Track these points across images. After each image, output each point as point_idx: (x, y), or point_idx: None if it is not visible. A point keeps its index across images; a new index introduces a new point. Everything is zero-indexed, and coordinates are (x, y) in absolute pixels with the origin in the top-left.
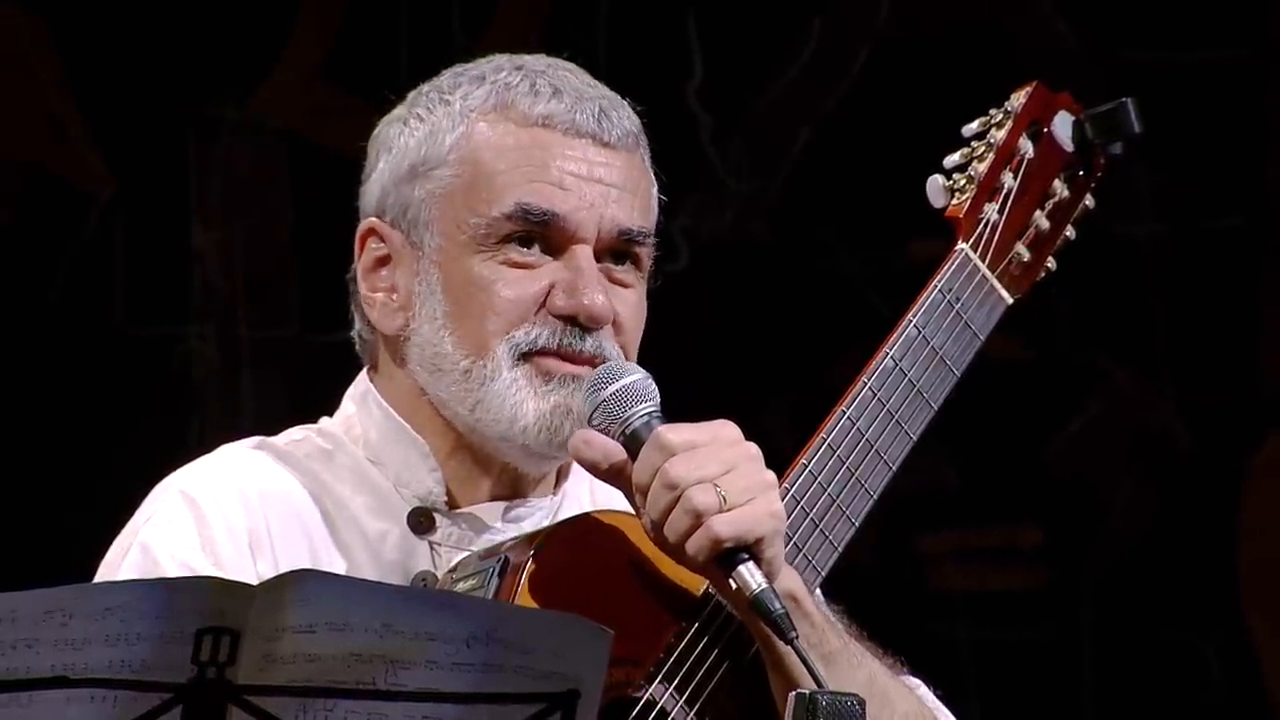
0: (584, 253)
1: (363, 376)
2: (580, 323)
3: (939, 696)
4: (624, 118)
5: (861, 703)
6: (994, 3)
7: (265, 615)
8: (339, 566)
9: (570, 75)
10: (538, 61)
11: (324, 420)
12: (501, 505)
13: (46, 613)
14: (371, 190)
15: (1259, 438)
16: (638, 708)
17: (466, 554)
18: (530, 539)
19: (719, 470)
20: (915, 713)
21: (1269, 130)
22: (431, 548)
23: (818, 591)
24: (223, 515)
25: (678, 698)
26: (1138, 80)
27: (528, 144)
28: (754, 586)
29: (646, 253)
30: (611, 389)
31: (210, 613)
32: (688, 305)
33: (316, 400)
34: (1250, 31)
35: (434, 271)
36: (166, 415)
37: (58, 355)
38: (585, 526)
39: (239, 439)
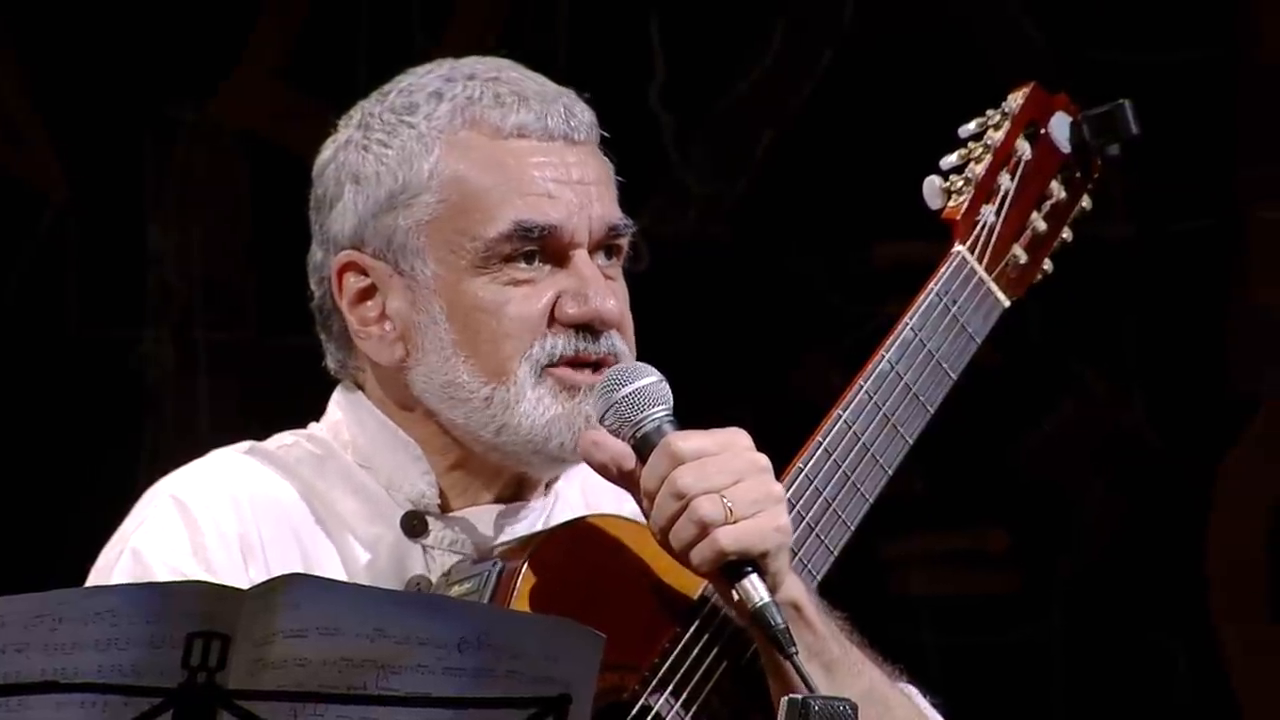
0: (583, 258)
1: (350, 385)
2: (593, 327)
3: (934, 705)
4: (584, 111)
5: (853, 707)
6: (961, 3)
7: (256, 620)
8: (331, 571)
9: (522, 77)
10: (484, 66)
11: (312, 425)
12: (496, 508)
13: (36, 617)
14: (342, 221)
15: (1229, 440)
16: (633, 713)
17: (460, 558)
18: (525, 544)
19: (727, 481)
20: None
21: (1238, 132)
22: (424, 551)
23: (817, 597)
24: (214, 521)
25: (673, 703)
26: (1105, 81)
27: (507, 158)
28: (756, 600)
29: (627, 241)
30: (625, 391)
31: (200, 617)
32: (648, 307)
33: (273, 403)
34: (1218, 32)
35: (434, 300)
36: (121, 418)
37: (10, 357)
38: (580, 530)
39: (194, 442)
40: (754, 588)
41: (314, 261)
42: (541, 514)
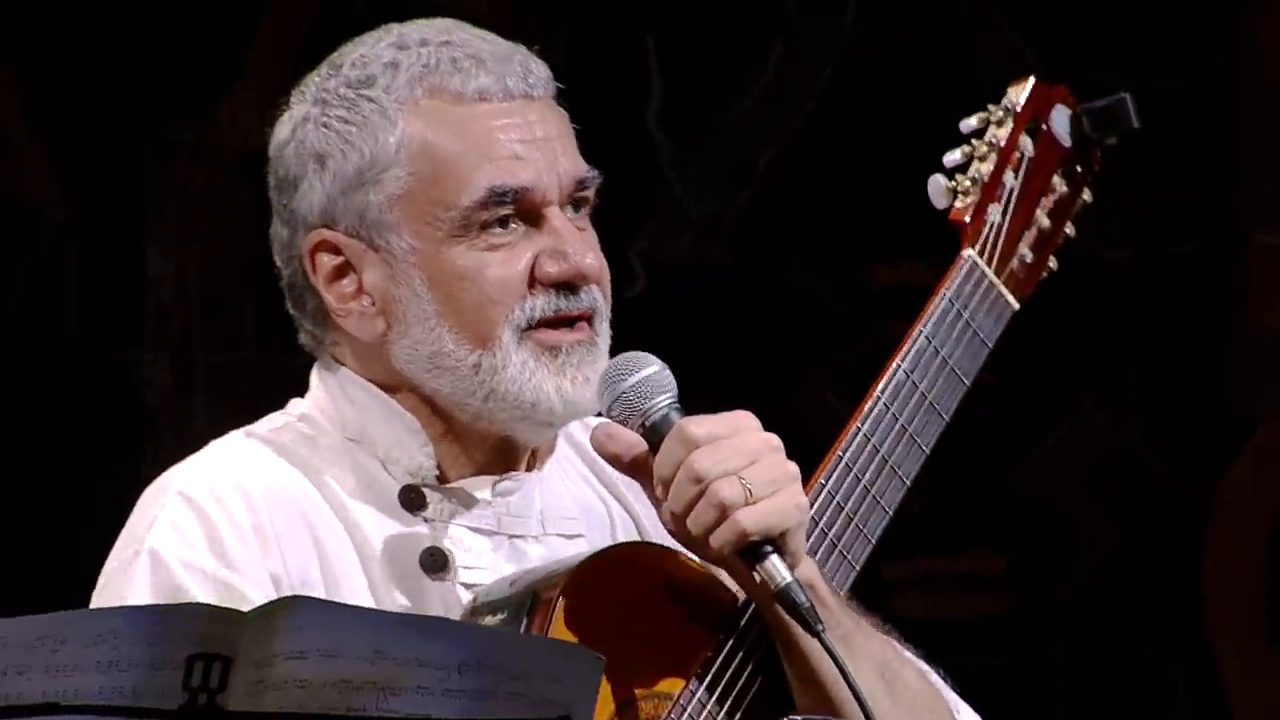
0: (557, 215)
1: (329, 361)
2: (573, 284)
3: (922, 658)
4: (539, 66)
5: None
6: (959, 25)
7: (257, 641)
8: (345, 554)
9: (472, 38)
10: (433, 30)
11: (294, 403)
12: (491, 479)
13: (38, 639)
14: (309, 200)
15: (1226, 461)
16: None
17: (494, 583)
18: (556, 574)
19: (743, 463)
20: (924, 691)
21: (1238, 154)
22: (427, 524)
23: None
24: (226, 513)
25: None
26: None
27: (471, 123)
28: (780, 580)
29: (593, 193)
30: (631, 380)
31: (202, 639)
32: (646, 330)
33: None
34: (1218, 55)
35: (413, 273)
36: (120, 439)
37: (9, 378)
38: (613, 558)
39: None
40: (776, 568)
41: (280, 239)
42: (536, 486)
